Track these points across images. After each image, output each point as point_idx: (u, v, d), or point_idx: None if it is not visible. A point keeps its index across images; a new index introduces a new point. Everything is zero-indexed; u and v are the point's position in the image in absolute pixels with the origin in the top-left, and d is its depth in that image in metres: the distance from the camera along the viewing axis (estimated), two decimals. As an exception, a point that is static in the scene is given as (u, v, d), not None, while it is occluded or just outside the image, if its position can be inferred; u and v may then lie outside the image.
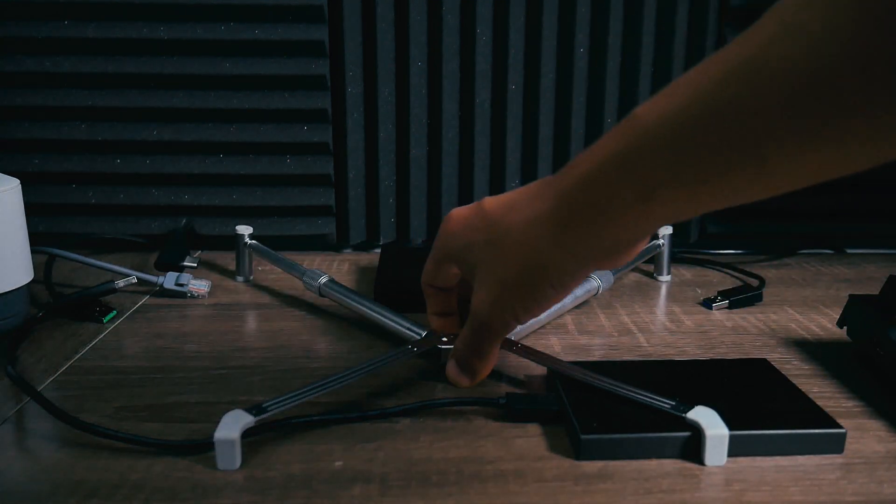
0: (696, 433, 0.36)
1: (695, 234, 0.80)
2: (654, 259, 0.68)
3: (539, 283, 0.38)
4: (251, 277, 0.67)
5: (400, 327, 0.50)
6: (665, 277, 0.68)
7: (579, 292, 0.57)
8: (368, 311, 0.53)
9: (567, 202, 0.36)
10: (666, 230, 0.67)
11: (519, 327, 0.46)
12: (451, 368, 0.45)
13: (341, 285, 0.56)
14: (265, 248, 0.65)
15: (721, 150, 0.29)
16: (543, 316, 0.53)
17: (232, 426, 0.35)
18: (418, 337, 0.48)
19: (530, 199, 0.38)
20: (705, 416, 0.36)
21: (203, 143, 0.74)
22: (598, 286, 0.58)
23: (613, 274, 0.61)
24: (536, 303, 0.40)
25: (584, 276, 0.39)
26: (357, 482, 0.35)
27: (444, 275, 0.45)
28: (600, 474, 0.36)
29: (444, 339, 0.47)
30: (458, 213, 0.43)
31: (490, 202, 0.41)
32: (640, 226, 0.34)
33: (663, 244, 0.67)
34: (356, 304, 0.54)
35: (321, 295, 0.57)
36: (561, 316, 0.57)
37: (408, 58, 0.74)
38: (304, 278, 0.58)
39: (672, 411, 0.37)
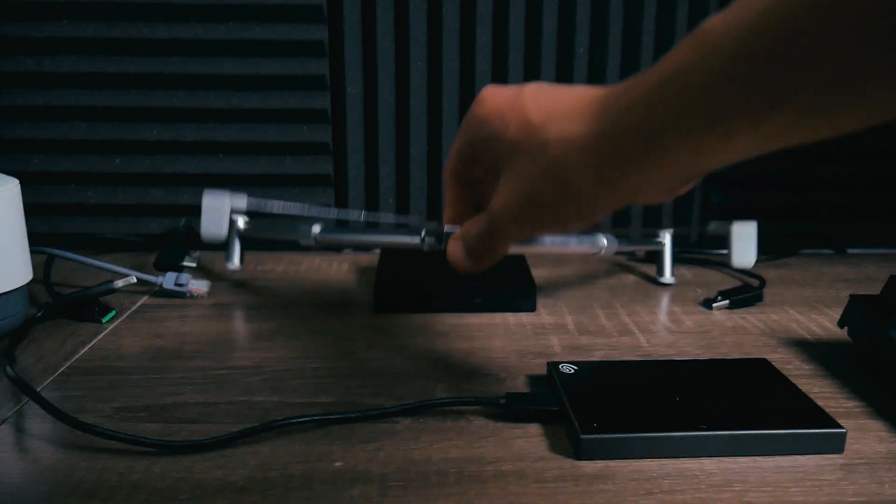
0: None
1: (695, 235, 0.79)
2: (656, 260, 0.68)
3: (569, 209, 0.36)
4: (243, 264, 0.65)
5: (407, 238, 0.49)
6: (668, 279, 0.67)
7: (585, 245, 0.56)
8: (373, 238, 0.53)
9: (616, 129, 0.32)
10: (667, 231, 0.67)
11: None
12: (456, 251, 0.41)
13: (336, 228, 0.56)
14: (260, 224, 0.63)
15: (802, 65, 0.25)
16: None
17: (219, 196, 0.34)
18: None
19: (576, 114, 0.34)
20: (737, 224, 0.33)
21: (203, 143, 0.74)
22: (603, 247, 0.57)
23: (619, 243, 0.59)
24: (560, 224, 0.37)
25: (617, 208, 0.36)
26: (357, 482, 0.35)
27: (466, 166, 0.41)
28: (600, 474, 0.36)
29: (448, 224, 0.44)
30: (494, 97, 0.38)
31: (531, 96, 0.36)
32: (692, 164, 0.31)
33: (664, 245, 0.67)
34: (358, 237, 0.54)
35: (318, 244, 0.56)
36: (562, 315, 0.57)
37: (408, 58, 0.74)
38: (299, 234, 0.57)
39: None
